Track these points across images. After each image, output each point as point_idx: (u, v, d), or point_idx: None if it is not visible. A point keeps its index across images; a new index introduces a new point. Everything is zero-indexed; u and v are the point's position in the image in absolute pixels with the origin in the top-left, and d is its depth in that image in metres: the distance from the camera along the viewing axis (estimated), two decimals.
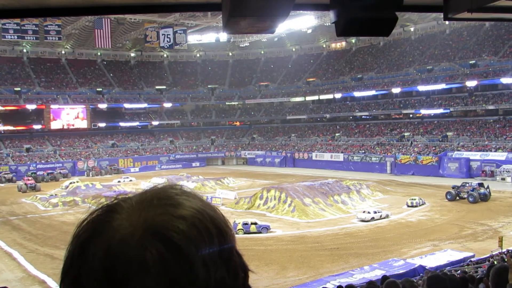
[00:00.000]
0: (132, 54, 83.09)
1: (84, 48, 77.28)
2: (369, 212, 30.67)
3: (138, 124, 76.21)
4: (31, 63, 74.26)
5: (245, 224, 27.20)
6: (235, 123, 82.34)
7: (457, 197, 35.93)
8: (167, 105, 78.35)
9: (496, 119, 55.58)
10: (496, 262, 12.00)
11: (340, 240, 25.65)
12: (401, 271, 17.29)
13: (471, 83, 57.51)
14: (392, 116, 66.92)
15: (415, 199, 34.70)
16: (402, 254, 22.10)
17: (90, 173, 59.82)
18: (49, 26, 59.90)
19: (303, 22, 68.44)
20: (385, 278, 8.74)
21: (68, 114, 68.15)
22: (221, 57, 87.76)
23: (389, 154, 56.77)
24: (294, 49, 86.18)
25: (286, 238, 26.60)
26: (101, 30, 63.05)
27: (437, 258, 19.89)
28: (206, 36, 77.20)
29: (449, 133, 56.79)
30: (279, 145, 71.99)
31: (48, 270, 20.80)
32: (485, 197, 35.31)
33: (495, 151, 49.14)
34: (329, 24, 54.20)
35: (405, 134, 61.09)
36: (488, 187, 36.26)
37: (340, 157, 61.46)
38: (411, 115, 64.69)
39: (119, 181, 51.56)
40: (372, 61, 74.49)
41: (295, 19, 65.49)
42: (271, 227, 28.07)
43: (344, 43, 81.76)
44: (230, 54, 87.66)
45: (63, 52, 76.74)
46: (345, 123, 70.55)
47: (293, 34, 75.95)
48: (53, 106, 67.50)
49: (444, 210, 32.89)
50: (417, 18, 69.19)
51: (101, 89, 75.07)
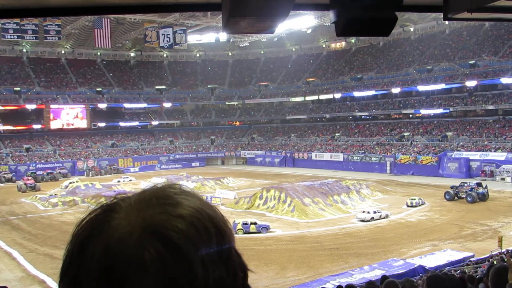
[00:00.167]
0: (132, 54, 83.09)
1: (84, 48, 77.28)
2: (369, 212, 30.68)
3: (138, 124, 76.20)
4: (31, 63, 74.25)
5: (245, 224, 27.19)
6: (235, 123, 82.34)
7: (456, 197, 35.98)
8: (167, 105, 78.36)
9: (496, 119, 55.60)
10: (496, 262, 11.99)
11: (340, 240, 25.65)
12: (401, 271, 17.30)
13: (471, 83, 57.52)
14: (392, 116, 66.94)
15: (415, 199, 34.71)
16: (402, 254, 22.11)
17: (90, 173, 59.81)
18: (49, 26, 59.91)
19: (303, 22, 68.45)
20: (385, 278, 8.74)
21: (68, 114, 68.15)
22: (221, 57, 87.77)
23: (389, 154, 56.79)
24: (294, 49, 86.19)
25: (286, 238, 26.60)
26: (101, 30, 63.06)
27: (437, 258, 19.90)
28: (206, 36, 77.21)
29: (449, 133, 56.80)
30: (279, 145, 72.01)
31: (48, 270, 20.79)
32: (484, 197, 35.34)
33: (495, 151, 49.16)
34: (329, 24, 54.20)
35: (405, 134, 61.11)
36: (486, 187, 36.29)
37: (340, 157, 61.47)
38: (411, 115, 64.70)
39: (119, 181, 51.57)
40: (372, 61, 74.51)
41: (295, 19, 65.49)
42: (271, 227, 28.08)
43: (344, 43, 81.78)
44: (230, 54, 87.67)
45: (63, 52, 76.74)
46: (345, 123, 70.55)
47: (293, 34, 75.97)
48: (53, 106, 67.49)
49: (444, 210, 32.90)
50: (417, 18, 69.21)
51: (101, 89, 75.08)
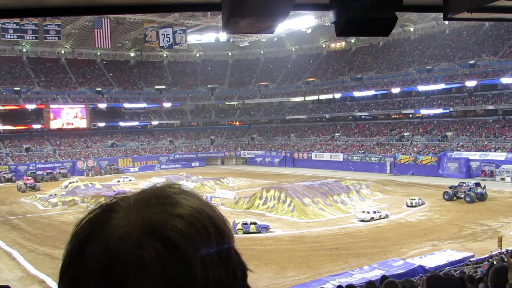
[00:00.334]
0: (132, 54, 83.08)
1: (84, 48, 77.27)
2: (369, 212, 30.68)
3: (138, 124, 76.20)
4: (31, 63, 74.24)
5: (245, 224, 27.19)
6: (235, 123, 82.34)
7: (454, 197, 36.01)
8: (167, 105, 78.36)
9: (496, 119, 55.60)
10: (496, 262, 12.00)
11: (340, 240, 25.65)
12: (401, 271, 17.30)
13: (471, 83, 57.52)
14: (392, 116, 66.95)
15: (415, 199, 34.71)
16: (402, 254, 22.11)
17: (90, 173, 59.80)
18: (49, 26, 59.90)
19: (303, 22, 68.45)
20: (384, 278, 8.74)
21: (68, 114, 68.15)
22: (221, 57, 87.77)
23: (389, 154, 56.80)
24: (294, 49, 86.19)
25: (286, 238, 26.60)
26: (101, 30, 63.04)
27: (437, 258, 19.90)
28: (206, 36, 77.20)
29: (449, 133, 56.81)
30: (279, 145, 72.01)
31: (48, 270, 20.79)
32: (482, 197, 35.37)
33: (495, 151, 49.17)
34: (329, 24, 54.27)
35: (405, 134, 61.11)
36: (485, 187, 36.33)
37: (340, 157, 61.48)
38: (411, 115, 64.71)
39: (119, 181, 51.57)
40: (372, 61, 74.52)
41: (295, 19, 65.49)
42: (271, 227, 28.08)
43: (344, 43, 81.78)
44: (230, 54, 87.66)
45: (63, 52, 76.72)
46: (345, 123, 70.55)
47: (293, 34, 75.97)
48: (53, 106, 67.48)
49: (444, 210, 32.91)
50: (417, 18, 69.22)
51: (101, 89, 75.07)
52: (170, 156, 69.87)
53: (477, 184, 36.67)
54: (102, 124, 71.21)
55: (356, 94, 69.73)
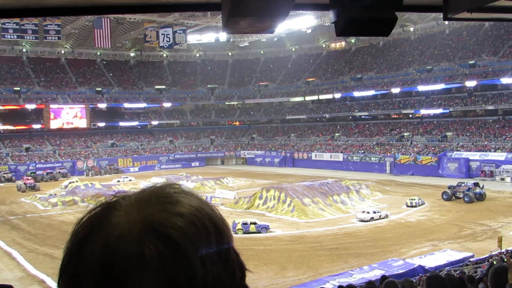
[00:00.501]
0: (132, 54, 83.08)
1: (84, 48, 77.26)
2: (369, 212, 30.68)
3: (138, 124, 76.19)
4: (31, 63, 74.23)
5: (245, 224, 27.19)
6: (235, 123, 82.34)
7: (453, 197, 36.02)
8: (167, 105, 78.36)
9: (496, 119, 55.61)
10: (496, 262, 12.00)
11: (340, 240, 25.65)
12: (400, 271, 17.31)
13: (471, 83, 57.52)
14: (392, 116, 66.95)
15: (415, 199, 34.70)
16: (402, 254, 22.11)
17: (90, 173, 59.80)
18: (49, 26, 59.89)
19: (303, 22, 68.43)
20: (384, 278, 8.74)
21: (68, 114, 68.13)
22: (221, 57, 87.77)
23: (389, 154, 56.80)
24: (294, 49, 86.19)
25: (286, 238, 26.60)
26: (101, 30, 63.03)
27: (437, 258, 19.90)
28: (206, 36, 77.19)
29: (449, 133, 56.81)
30: (279, 145, 72.02)
31: (48, 270, 20.78)
32: (481, 197, 35.37)
33: (495, 151, 49.17)
34: (329, 24, 54.28)
35: (405, 134, 61.12)
36: (483, 187, 36.33)
37: (340, 157, 61.48)
38: (411, 115, 64.71)
39: (119, 181, 51.56)
40: (372, 61, 74.52)
41: (295, 19, 65.47)
42: (271, 227, 28.07)
43: (344, 43, 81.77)
44: (230, 54, 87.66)
45: (63, 52, 76.70)
46: (345, 123, 70.55)
47: (293, 34, 75.96)
48: (53, 106, 67.47)
49: (444, 210, 32.90)
50: (417, 18, 69.21)
51: (101, 89, 75.06)
52: (170, 156, 69.87)
53: (476, 184, 36.68)
54: (102, 124, 71.21)
55: (356, 94, 69.73)
